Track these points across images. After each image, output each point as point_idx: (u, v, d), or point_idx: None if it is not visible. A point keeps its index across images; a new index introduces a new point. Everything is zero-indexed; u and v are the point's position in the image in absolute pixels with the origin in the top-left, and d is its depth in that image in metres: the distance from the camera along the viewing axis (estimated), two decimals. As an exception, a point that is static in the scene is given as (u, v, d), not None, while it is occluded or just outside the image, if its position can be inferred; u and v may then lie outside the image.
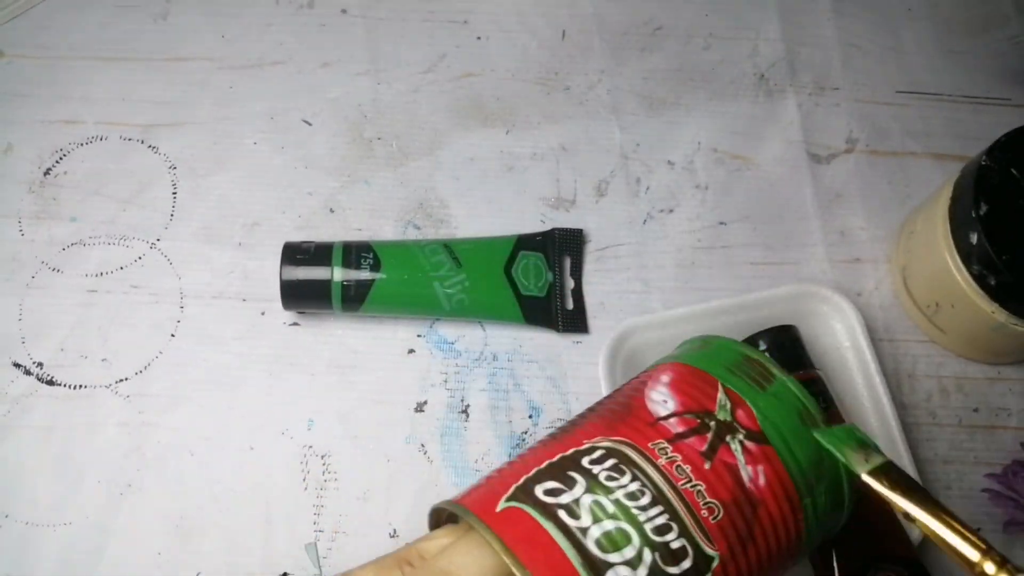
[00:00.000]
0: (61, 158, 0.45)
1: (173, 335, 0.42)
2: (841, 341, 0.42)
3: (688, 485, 0.23)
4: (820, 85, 0.48)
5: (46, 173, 0.45)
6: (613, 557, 0.22)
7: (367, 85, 0.48)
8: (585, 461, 0.23)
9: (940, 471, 0.41)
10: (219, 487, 0.40)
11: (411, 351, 0.42)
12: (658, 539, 0.22)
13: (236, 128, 0.46)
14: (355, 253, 0.41)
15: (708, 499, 0.23)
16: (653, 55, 0.49)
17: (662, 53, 0.49)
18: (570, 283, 0.44)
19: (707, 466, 0.24)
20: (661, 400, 0.25)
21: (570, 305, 0.43)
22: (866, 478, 0.24)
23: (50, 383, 0.41)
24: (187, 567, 0.39)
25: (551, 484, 0.23)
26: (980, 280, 0.38)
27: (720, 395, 0.25)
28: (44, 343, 0.42)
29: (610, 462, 0.23)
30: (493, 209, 0.45)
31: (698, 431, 0.24)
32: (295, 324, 0.43)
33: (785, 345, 0.40)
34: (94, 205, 0.45)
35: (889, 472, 0.25)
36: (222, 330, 0.42)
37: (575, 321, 0.43)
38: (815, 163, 0.47)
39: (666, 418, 0.24)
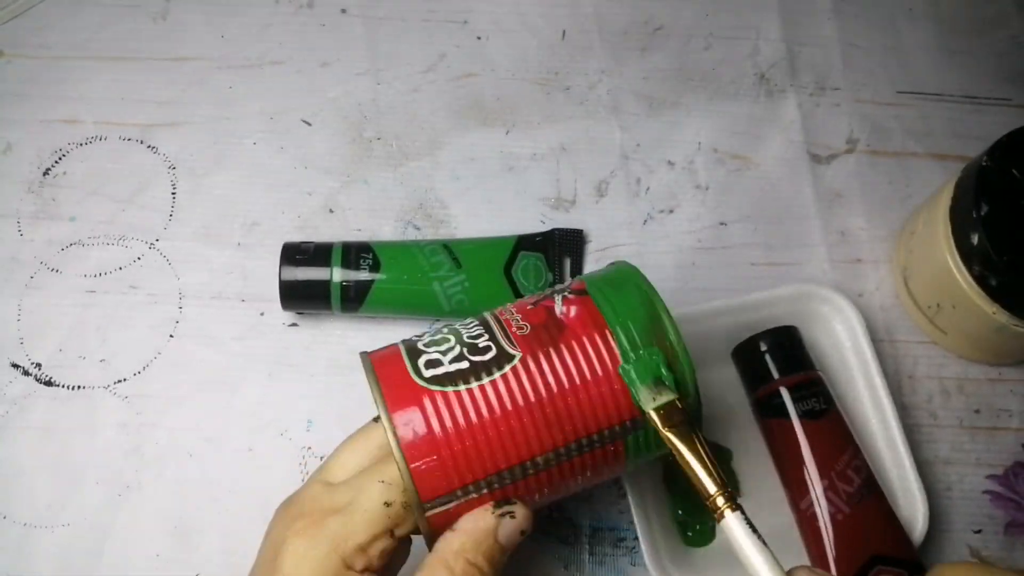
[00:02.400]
0: (60, 158, 0.45)
1: (172, 336, 0.42)
2: (842, 342, 0.42)
3: (508, 317, 0.30)
4: (821, 85, 0.48)
5: (45, 173, 0.45)
6: (431, 349, 0.30)
7: (367, 85, 0.47)
8: (458, 325, 0.31)
9: (941, 472, 0.41)
10: (218, 488, 0.40)
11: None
12: (469, 340, 0.30)
13: (235, 128, 0.46)
14: (354, 253, 0.41)
15: (520, 322, 0.30)
16: (653, 55, 0.49)
17: (662, 53, 0.49)
18: (570, 283, 0.44)
19: (529, 307, 0.31)
20: (561, 307, 0.30)
21: (570, 306, 0.43)
22: (650, 413, 0.29)
23: (48, 384, 0.41)
24: (186, 568, 0.38)
25: (428, 338, 0.30)
26: (981, 281, 0.38)
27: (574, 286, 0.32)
28: (43, 343, 0.42)
29: (472, 321, 0.31)
30: (493, 209, 0.45)
31: (539, 300, 0.31)
32: (294, 325, 0.43)
33: (785, 346, 0.40)
34: (93, 205, 0.44)
35: (670, 411, 0.29)
36: (221, 331, 0.42)
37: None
38: (816, 163, 0.47)
39: (532, 301, 0.31)
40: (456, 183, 0.46)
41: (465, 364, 0.29)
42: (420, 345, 0.30)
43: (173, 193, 0.45)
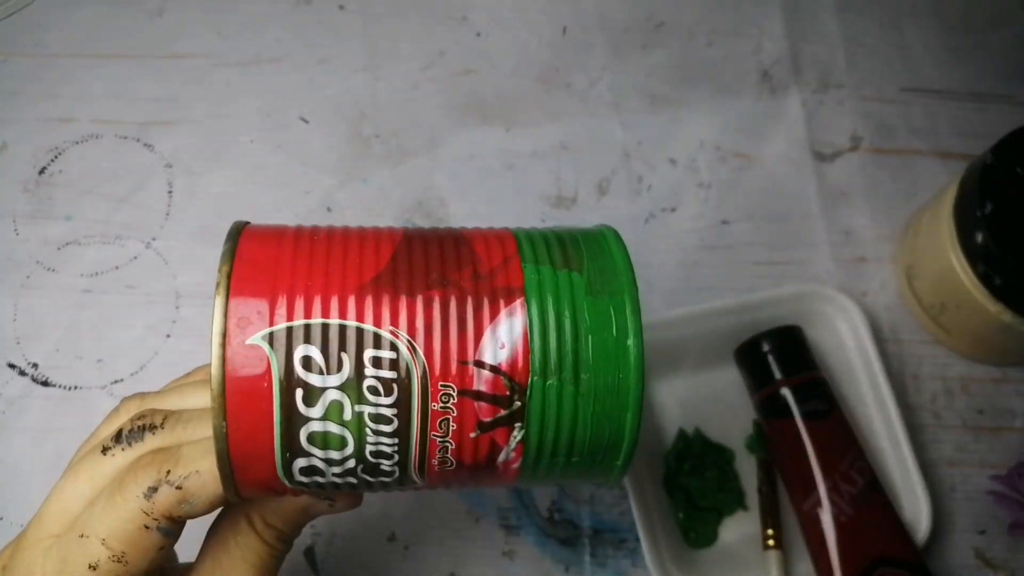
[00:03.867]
0: (56, 157, 0.45)
1: (169, 335, 0.42)
2: (845, 342, 0.41)
3: (439, 439, 0.21)
4: (824, 82, 0.48)
5: (41, 172, 0.45)
6: (316, 451, 0.21)
7: (365, 82, 0.47)
8: (368, 352, 0.20)
9: (945, 473, 0.41)
10: (216, 489, 0.39)
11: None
12: (372, 460, 0.21)
13: (232, 126, 0.46)
14: (353, 253, 0.40)
15: (449, 457, 0.21)
16: (655, 52, 0.48)
17: (664, 50, 0.48)
18: (571, 283, 0.43)
19: (472, 435, 0.21)
20: (500, 343, 0.21)
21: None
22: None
23: (45, 384, 0.41)
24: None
25: (315, 352, 0.20)
26: (986, 280, 0.37)
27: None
28: (39, 344, 0.41)
29: (388, 374, 0.21)
30: (493, 208, 0.45)
31: (497, 402, 0.21)
32: (293, 324, 0.42)
33: (788, 346, 0.39)
34: (89, 204, 0.44)
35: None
36: (219, 330, 0.42)
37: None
38: (819, 161, 0.46)
39: (483, 366, 0.21)
40: (456, 181, 0.45)
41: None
42: (302, 434, 0.21)
43: (170, 192, 0.45)
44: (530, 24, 0.49)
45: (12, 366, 0.41)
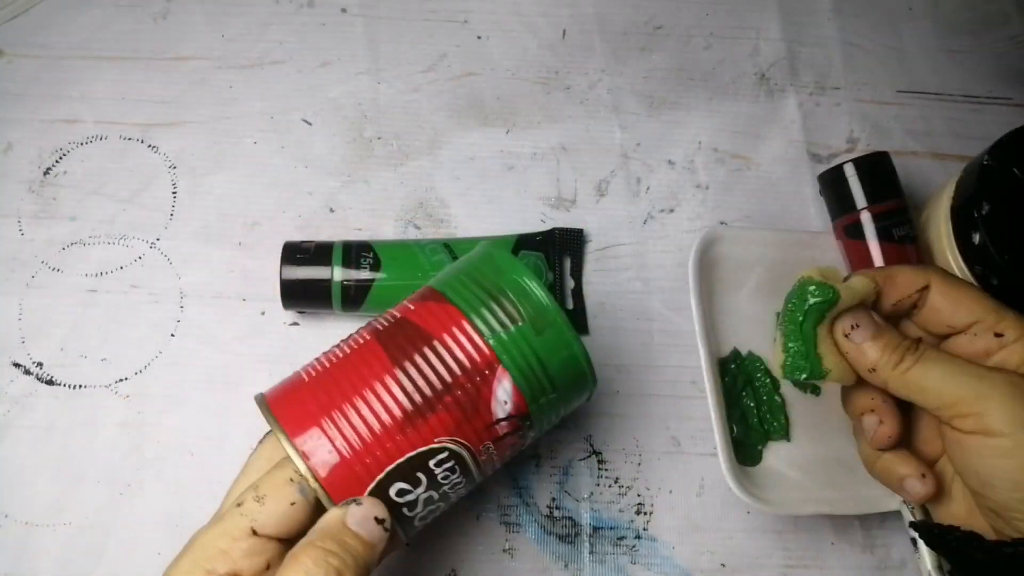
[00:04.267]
0: (61, 157, 0.45)
1: (173, 335, 0.42)
2: None
3: (485, 456, 0.31)
4: (821, 85, 0.48)
5: (46, 172, 0.45)
6: (405, 510, 0.30)
7: (367, 84, 0.47)
8: (432, 463, 0.29)
9: (941, 471, 0.41)
10: (219, 487, 0.39)
11: (411, 351, 0.42)
12: (454, 498, 0.31)
13: (236, 127, 0.46)
14: (355, 253, 0.41)
15: (493, 462, 0.31)
16: (654, 54, 0.49)
17: (663, 52, 0.49)
18: (570, 283, 0.44)
19: (507, 451, 0.32)
20: (503, 401, 0.30)
21: (570, 305, 0.43)
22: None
23: (50, 383, 0.41)
24: (187, 567, 0.38)
25: (401, 485, 0.29)
26: (983, 280, 0.38)
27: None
28: (44, 343, 0.42)
29: (449, 464, 0.30)
30: (493, 209, 0.45)
31: (517, 431, 0.31)
32: (295, 324, 0.43)
33: (876, 172, 0.40)
34: (94, 204, 0.44)
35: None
36: (222, 330, 0.42)
37: (575, 321, 0.43)
38: (816, 163, 0.47)
39: (500, 421, 0.30)
40: (456, 182, 0.46)
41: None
42: (416, 522, 0.31)
43: (174, 192, 0.45)
44: (530, 27, 0.49)
45: (17, 365, 0.41)
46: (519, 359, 0.30)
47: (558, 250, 0.44)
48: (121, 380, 0.41)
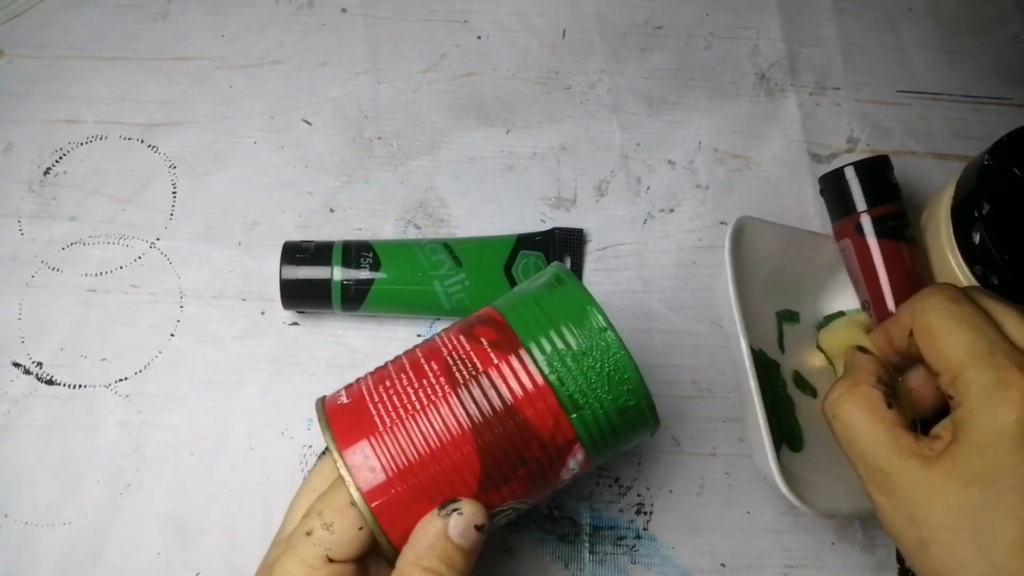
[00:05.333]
0: (61, 157, 0.45)
1: (173, 335, 0.42)
2: None
3: (544, 501, 0.31)
4: (821, 84, 0.48)
5: (46, 172, 0.45)
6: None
7: (367, 84, 0.47)
8: (495, 516, 0.30)
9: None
10: (219, 487, 0.40)
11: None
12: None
13: (236, 127, 0.46)
14: (355, 252, 0.41)
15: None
16: (654, 54, 0.49)
17: (663, 52, 0.49)
18: (570, 283, 0.44)
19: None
20: (572, 468, 0.30)
21: (570, 305, 0.43)
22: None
23: (49, 383, 0.41)
24: (187, 567, 0.38)
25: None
26: (983, 280, 0.38)
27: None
28: (44, 343, 0.42)
29: (511, 515, 0.30)
30: (493, 209, 0.45)
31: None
32: (295, 324, 0.43)
33: (877, 175, 0.41)
34: (94, 204, 0.44)
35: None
36: (222, 330, 0.42)
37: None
38: (816, 163, 0.47)
39: (564, 480, 0.30)
40: (456, 182, 0.46)
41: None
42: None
43: (174, 192, 0.45)
44: (530, 27, 0.49)
45: (17, 365, 0.41)
46: (597, 436, 0.29)
47: (558, 250, 0.44)
48: (121, 380, 0.41)
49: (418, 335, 0.43)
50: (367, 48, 0.48)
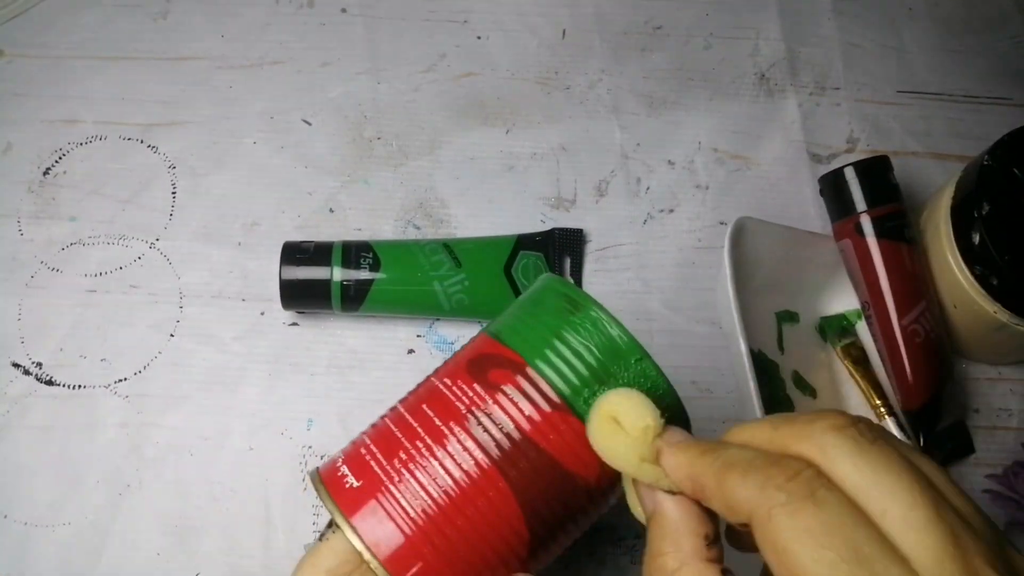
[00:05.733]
0: (60, 158, 0.45)
1: (172, 335, 0.42)
2: None
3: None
4: (821, 85, 0.48)
5: (45, 173, 0.45)
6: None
7: (367, 85, 0.47)
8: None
9: (941, 472, 0.41)
10: (218, 487, 0.40)
11: (411, 351, 0.42)
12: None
13: (236, 128, 0.46)
14: (355, 253, 0.41)
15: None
16: (653, 55, 0.49)
17: (663, 53, 0.49)
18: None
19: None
20: (613, 501, 0.28)
21: (570, 305, 0.43)
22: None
23: (49, 383, 0.41)
24: (186, 567, 0.38)
25: None
26: (982, 280, 0.38)
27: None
28: (43, 343, 0.42)
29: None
30: (493, 209, 0.45)
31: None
32: (294, 324, 0.43)
33: (877, 175, 0.41)
34: (93, 205, 0.44)
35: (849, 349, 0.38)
36: (221, 330, 0.42)
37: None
38: (816, 163, 0.47)
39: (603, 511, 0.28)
40: (456, 182, 0.46)
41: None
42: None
43: (173, 192, 0.45)
44: (530, 27, 0.49)
45: (16, 365, 0.41)
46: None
47: (558, 250, 0.43)
48: (120, 380, 0.41)
49: (418, 335, 0.43)
50: (367, 48, 0.48)
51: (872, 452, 0.20)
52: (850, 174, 0.41)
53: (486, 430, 0.25)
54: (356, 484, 0.26)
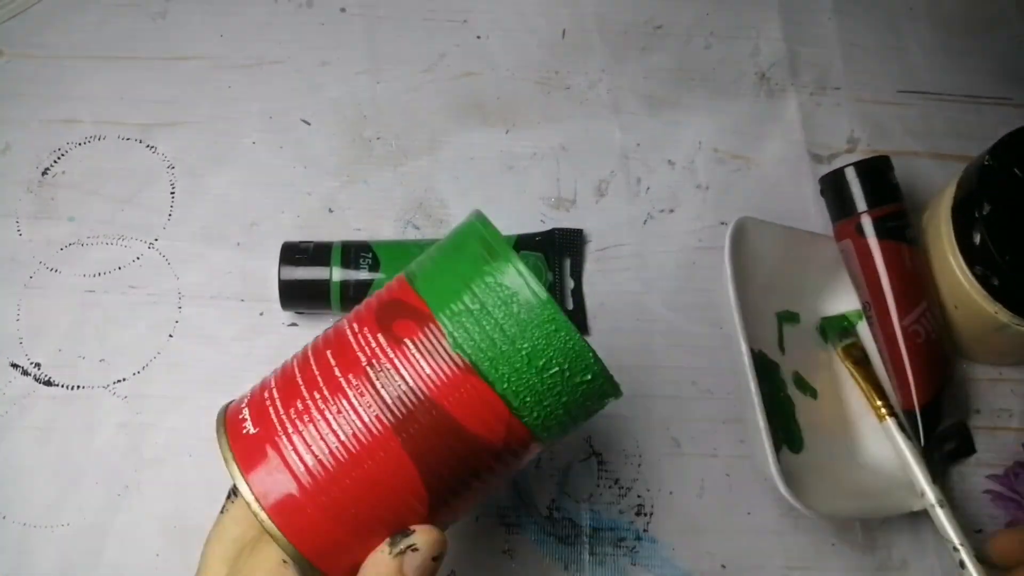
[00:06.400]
0: (59, 158, 0.45)
1: (171, 335, 0.42)
2: None
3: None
4: (821, 84, 0.48)
5: (44, 173, 0.45)
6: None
7: (366, 84, 0.47)
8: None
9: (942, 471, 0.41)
10: (217, 488, 0.39)
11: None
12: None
13: (235, 127, 0.46)
14: (354, 253, 0.40)
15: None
16: (654, 54, 0.49)
17: (663, 52, 0.49)
18: (570, 283, 0.44)
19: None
20: (527, 461, 0.27)
21: (570, 305, 0.43)
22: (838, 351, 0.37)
23: (48, 384, 0.41)
24: (186, 568, 0.38)
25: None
26: (983, 280, 0.38)
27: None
28: (42, 343, 0.42)
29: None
30: (493, 209, 0.44)
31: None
32: (294, 324, 0.43)
33: (877, 175, 0.41)
34: (92, 205, 0.44)
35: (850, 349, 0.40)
36: (220, 330, 0.42)
37: (575, 321, 0.42)
38: (816, 163, 0.47)
39: (520, 469, 0.27)
40: (456, 182, 0.46)
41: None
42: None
43: (172, 193, 0.45)
44: (530, 27, 0.49)
45: (15, 366, 0.41)
46: (553, 427, 0.26)
47: (558, 250, 0.43)
48: (119, 381, 0.41)
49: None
50: (366, 48, 0.48)
51: None
52: (851, 174, 0.41)
53: (383, 386, 0.24)
54: (253, 431, 0.25)
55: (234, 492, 0.27)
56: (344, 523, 0.24)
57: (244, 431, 0.26)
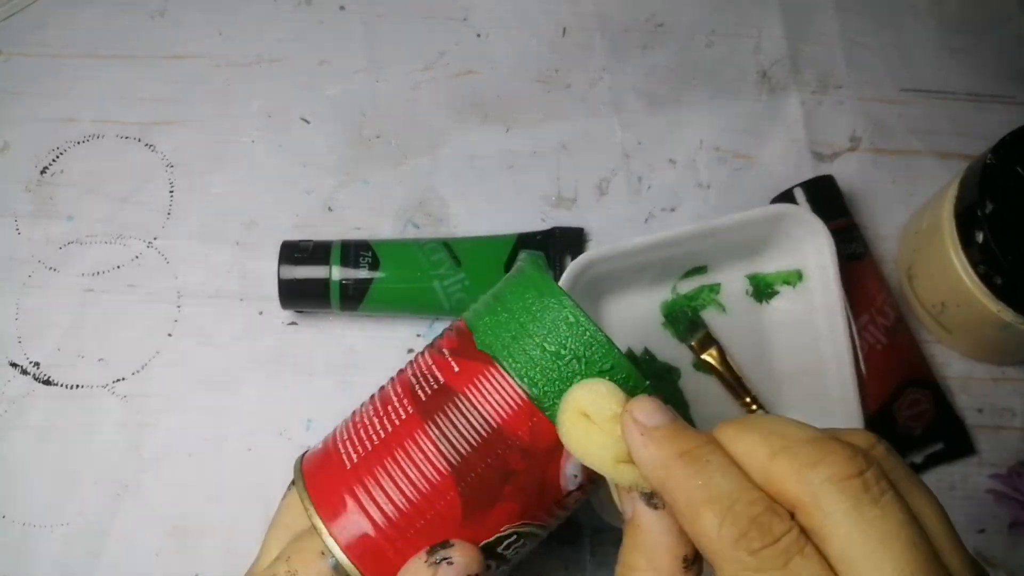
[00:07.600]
0: (58, 156, 0.45)
1: (170, 334, 0.42)
2: (811, 267, 0.40)
3: (556, 521, 0.28)
4: (823, 83, 0.48)
5: (43, 172, 0.45)
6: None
7: (366, 83, 0.47)
8: (500, 548, 0.26)
9: (944, 471, 0.41)
10: (217, 488, 0.40)
11: (410, 351, 0.42)
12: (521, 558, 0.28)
13: (234, 126, 0.46)
14: (354, 252, 0.40)
15: (564, 516, 0.28)
16: (655, 52, 0.48)
17: (664, 50, 0.48)
18: (571, 282, 0.43)
19: (574, 502, 0.28)
20: (572, 475, 0.26)
21: (571, 305, 0.43)
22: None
23: (47, 383, 0.41)
24: (185, 568, 0.38)
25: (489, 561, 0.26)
26: (986, 280, 0.37)
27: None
28: (41, 342, 0.42)
29: (520, 543, 0.27)
30: (493, 208, 0.45)
31: (587, 490, 0.27)
32: (293, 323, 0.42)
33: (824, 193, 0.42)
34: (91, 204, 0.44)
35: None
36: (220, 330, 0.42)
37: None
38: (818, 162, 0.46)
39: (572, 492, 0.27)
40: (456, 181, 0.45)
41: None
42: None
43: (171, 191, 0.45)
44: (530, 25, 0.49)
45: (14, 365, 0.41)
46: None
47: (559, 249, 0.43)
48: (119, 380, 0.41)
49: (417, 335, 0.42)
50: (366, 46, 0.48)
51: (872, 515, 0.18)
52: (799, 195, 0.42)
53: (447, 434, 0.25)
54: (330, 480, 0.27)
55: (292, 484, 0.30)
56: (392, 527, 0.26)
57: (315, 449, 0.28)
